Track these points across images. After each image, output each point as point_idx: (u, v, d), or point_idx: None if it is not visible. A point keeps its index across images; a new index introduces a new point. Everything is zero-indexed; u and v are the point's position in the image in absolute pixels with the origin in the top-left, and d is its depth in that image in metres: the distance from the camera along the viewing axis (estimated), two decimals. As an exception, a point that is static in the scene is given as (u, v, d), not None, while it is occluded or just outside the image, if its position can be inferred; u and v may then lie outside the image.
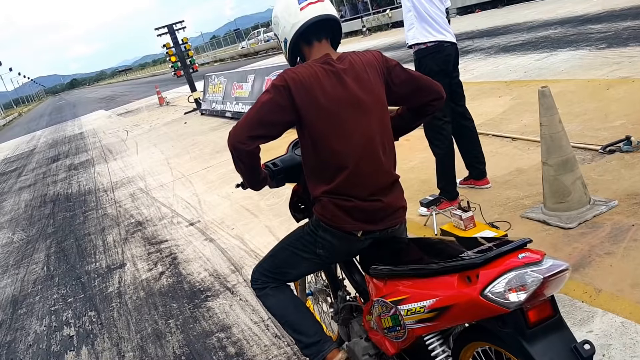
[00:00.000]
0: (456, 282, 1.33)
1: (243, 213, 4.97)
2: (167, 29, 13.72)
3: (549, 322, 1.28)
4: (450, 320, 1.39)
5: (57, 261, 5.16)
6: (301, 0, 1.73)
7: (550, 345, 1.25)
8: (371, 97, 1.70)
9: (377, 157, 1.73)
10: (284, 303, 1.98)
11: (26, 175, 11.57)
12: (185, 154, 8.62)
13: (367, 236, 1.78)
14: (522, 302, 1.21)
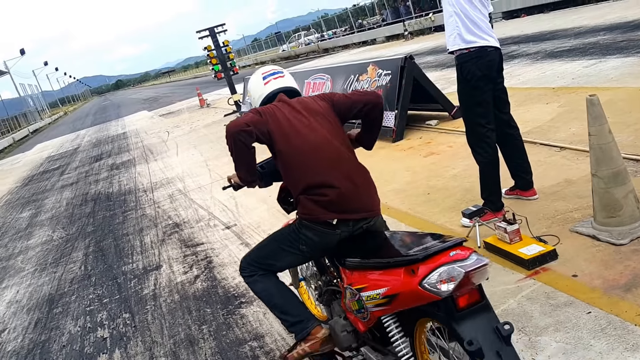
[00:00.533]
0: (402, 274, 1.65)
1: (279, 217, 4.88)
2: (208, 31, 13.87)
3: (476, 306, 1.59)
4: (399, 305, 1.73)
5: (95, 261, 5.22)
6: (266, 76, 2.37)
7: (476, 326, 1.55)
8: (320, 117, 2.18)
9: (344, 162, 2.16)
10: (270, 289, 2.28)
11: (69, 173, 11.91)
12: (224, 156, 8.63)
13: (342, 226, 2.08)
14: (451, 291, 1.52)
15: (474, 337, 1.49)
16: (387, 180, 5.03)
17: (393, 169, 5.38)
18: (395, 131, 6.31)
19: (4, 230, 7.78)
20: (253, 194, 5.81)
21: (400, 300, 1.69)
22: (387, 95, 6.49)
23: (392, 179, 5.03)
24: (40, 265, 5.53)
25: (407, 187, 4.67)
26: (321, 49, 34.32)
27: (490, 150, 3.33)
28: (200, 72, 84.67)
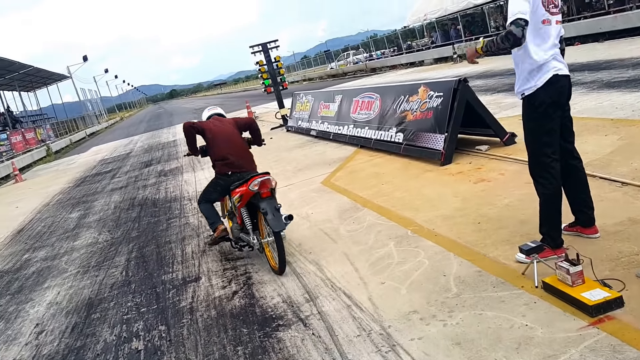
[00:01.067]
0: (245, 186, 4.22)
1: (322, 237, 4.77)
2: (261, 47, 14.08)
3: (269, 197, 4.13)
4: (244, 200, 4.27)
5: (136, 267, 5.25)
6: (210, 109, 5.33)
7: (267, 204, 4.05)
8: (229, 128, 4.75)
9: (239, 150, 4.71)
10: (207, 209, 4.76)
11: (119, 177, 12.25)
12: (268, 169, 8.46)
13: (232, 176, 4.51)
14: (258, 189, 4.10)
15: (265, 207, 4.02)
16: (435, 205, 4.84)
17: (441, 193, 5.18)
18: (444, 155, 6.11)
19: (52, 229, 8.02)
20: (295, 210, 5.75)
21: (244, 197, 4.27)
22: (437, 118, 6.31)
23: (440, 204, 4.83)
24: (83, 268, 5.61)
25: (456, 214, 4.45)
26: (369, 68, 34.33)
27: (554, 181, 3.13)
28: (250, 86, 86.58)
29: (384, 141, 7.52)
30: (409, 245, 4.04)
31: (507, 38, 2.93)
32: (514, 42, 2.94)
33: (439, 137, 6.22)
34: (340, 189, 6.25)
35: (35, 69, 35.25)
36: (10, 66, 29.99)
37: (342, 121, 9.47)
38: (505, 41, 2.95)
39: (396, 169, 6.56)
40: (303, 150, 9.75)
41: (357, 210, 5.30)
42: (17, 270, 6.15)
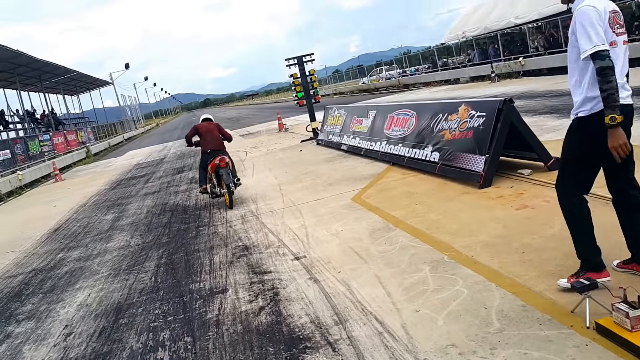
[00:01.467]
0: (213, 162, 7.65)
1: (352, 255, 4.67)
2: (296, 60, 14.16)
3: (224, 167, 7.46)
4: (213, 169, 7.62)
5: (165, 273, 5.24)
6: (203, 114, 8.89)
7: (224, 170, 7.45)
8: (212, 128, 8.05)
9: (216, 141, 7.94)
10: (200, 173, 8.08)
11: (153, 182, 12.43)
12: (298, 182, 8.60)
13: (211, 152, 7.78)
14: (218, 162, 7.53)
15: (222, 172, 7.45)
16: (473, 231, 4.65)
17: (480, 218, 4.98)
18: (484, 177, 5.92)
19: (87, 229, 8.15)
20: (325, 225, 5.67)
21: (212, 167, 7.56)
22: (477, 138, 6.14)
23: (479, 230, 4.64)
24: (114, 271, 5.65)
25: (497, 241, 4.27)
26: (401, 84, 34.17)
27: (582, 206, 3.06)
28: (281, 98, 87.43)
29: (418, 159, 7.38)
30: (445, 272, 3.87)
31: (607, 74, 2.73)
32: (613, 71, 2.74)
33: (478, 159, 6.05)
34: (371, 207, 6.14)
35: (79, 74, 36.49)
36: (56, 70, 31.10)
37: (374, 137, 9.37)
38: (609, 77, 2.73)
39: (431, 189, 6.41)
40: (333, 164, 9.68)
41: (389, 230, 5.17)
42: (50, 269, 6.25)
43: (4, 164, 18.87)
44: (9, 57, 22.91)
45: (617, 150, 2.78)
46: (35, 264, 6.62)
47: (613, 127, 2.74)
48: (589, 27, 2.78)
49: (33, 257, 7.03)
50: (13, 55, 22.84)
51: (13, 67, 25.01)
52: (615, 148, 2.77)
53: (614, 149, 2.78)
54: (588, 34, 2.77)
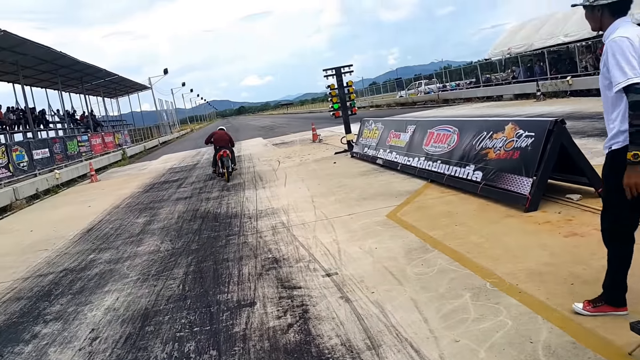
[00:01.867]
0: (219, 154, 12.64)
1: (386, 276, 4.46)
2: (334, 70, 14.08)
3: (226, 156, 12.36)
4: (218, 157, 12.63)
5: (193, 281, 5.15)
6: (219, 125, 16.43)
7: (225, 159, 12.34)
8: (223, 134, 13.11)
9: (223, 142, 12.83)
10: (212, 159, 13.32)
11: (185, 187, 12.49)
12: (331, 194, 8.45)
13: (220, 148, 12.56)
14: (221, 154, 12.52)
15: (223, 160, 12.27)
16: (518, 257, 4.38)
17: (525, 243, 4.71)
18: (530, 200, 5.63)
19: (119, 232, 8.19)
20: (358, 242, 5.48)
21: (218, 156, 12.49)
22: (524, 159, 5.87)
23: (524, 256, 4.37)
24: (143, 275, 5.60)
25: (543, 269, 4.00)
26: (441, 99, 33.71)
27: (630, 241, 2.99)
28: (316, 108, 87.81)
29: (458, 178, 7.13)
30: (487, 300, 3.63)
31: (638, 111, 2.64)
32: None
33: (525, 181, 5.77)
34: (407, 225, 5.92)
35: (119, 78, 37.49)
36: (97, 73, 32.04)
37: (412, 152, 9.15)
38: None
39: (472, 210, 6.15)
40: (368, 178, 9.49)
41: (426, 250, 4.95)
42: (81, 269, 6.26)
43: (42, 163, 19.41)
44: (52, 58, 23.70)
45: (632, 188, 2.74)
46: (67, 264, 6.65)
47: (634, 165, 2.70)
48: (621, 58, 2.70)
49: (65, 257, 7.08)
50: (57, 56, 23.63)
51: (56, 68, 25.87)
52: (630, 185, 2.74)
53: (628, 185, 2.75)
54: (621, 66, 2.69)
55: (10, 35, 17.72)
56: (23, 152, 18.05)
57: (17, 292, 5.77)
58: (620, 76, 2.69)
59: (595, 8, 2.93)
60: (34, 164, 18.60)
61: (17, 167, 17.11)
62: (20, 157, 17.68)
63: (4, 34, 16.95)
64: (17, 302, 5.39)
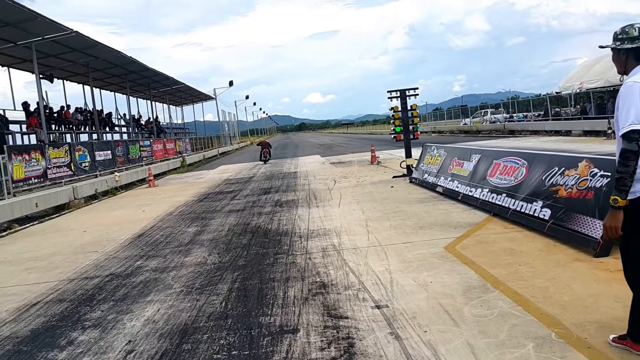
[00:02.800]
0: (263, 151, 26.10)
1: (441, 314, 4.09)
2: (399, 93, 13.81)
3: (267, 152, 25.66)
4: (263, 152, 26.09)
5: (236, 300, 4.97)
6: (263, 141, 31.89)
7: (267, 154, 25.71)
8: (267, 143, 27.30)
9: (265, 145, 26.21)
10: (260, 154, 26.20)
11: (238, 200, 12.51)
12: (386, 220, 8.11)
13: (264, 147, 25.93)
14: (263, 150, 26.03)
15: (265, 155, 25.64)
16: (587, 307, 3.93)
17: (595, 292, 4.23)
18: (601, 245, 5.09)
19: (169, 240, 8.21)
20: (412, 273, 5.11)
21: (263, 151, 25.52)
22: (599, 200, 5.34)
23: (595, 307, 3.92)
24: (187, 288, 5.48)
25: (616, 324, 3.51)
26: (507, 129, 32.58)
27: None
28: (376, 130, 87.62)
29: (524, 214, 6.61)
30: (553, 353, 3.23)
31: (627, 159, 2.69)
32: (636, 156, 2.69)
33: (597, 223, 5.23)
34: (466, 260, 5.50)
35: (185, 87, 38.92)
36: (165, 80, 33.37)
37: (475, 183, 8.66)
38: (628, 163, 2.70)
39: (537, 250, 5.64)
40: (426, 206, 9.07)
41: (486, 290, 4.53)
42: (127, 275, 6.25)
43: (104, 164, 20.22)
44: (122, 63, 24.84)
45: (608, 231, 2.86)
46: (114, 268, 6.68)
47: (614, 209, 2.80)
48: (629, 102, 2.71)
49: (113, 261, 7.13)
50: (127, 61, 24.75)
51: (125, 73, 27.11)
52: (608, 227, 2.85)
53: (605, 227, 2.87)
54: (628, 110, 2.70)
55: (83, 36, 18.61)
56: (86, 152, 18.88)
57: (60, 293, 5.79)
58: (623, 121, 2.70)
59: (621, 51, 2.93)
60: (96, 165, 19.40)
61: (78, 167, 17.89)
62: (82, 157, 18.49)
63: (75, 35, 17.77)
64: (59, 304, 5.38)
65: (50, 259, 7.68)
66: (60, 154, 16.64)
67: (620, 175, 2.71)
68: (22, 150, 14.71)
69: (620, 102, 2.78)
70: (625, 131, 2.68)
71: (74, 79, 26.11)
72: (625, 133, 2.68)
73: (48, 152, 15.73)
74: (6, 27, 15.81)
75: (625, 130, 2.68)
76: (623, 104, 2.74)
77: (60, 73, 24.10)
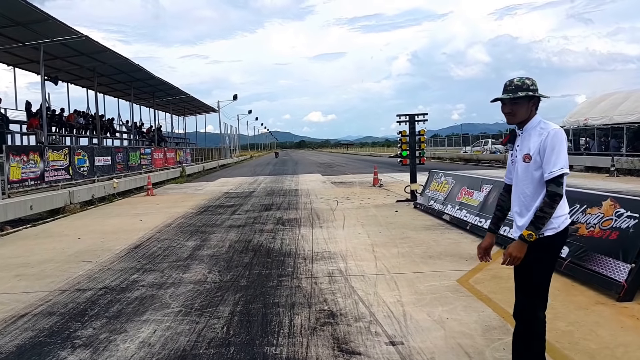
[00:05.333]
0: None
1: (461, 356, 3.79)
2: (408, 117, 13.64)
3: None
4: None
5: (239, 325, 4.64)
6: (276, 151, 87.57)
7: None
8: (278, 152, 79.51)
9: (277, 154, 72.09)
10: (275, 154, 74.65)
11: (239, 215, 12.19)
12: (393, 246, 7.81)
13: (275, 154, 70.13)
14: None
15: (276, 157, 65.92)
16: (617, 357, 3.69)
17: (625, 342, 3.96)
18: (626, 289, 4.84)
19: (167, 253, 7.88)
20: (426, 307, 4.76)
21: None
22: (624, 242, 5.10)
23: (626, 358, 3.66)
24: (186, 308, 5.15)
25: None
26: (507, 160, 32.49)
27: None
28: (376, 152, 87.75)
29: (541, 250, 6.33)
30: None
31: (555, 201, 2.89)
32: (561, 199, 2.93)
33: (621, 266, 4.98)
34: (482, 296, 5.20)
35: (190, 97, 38.83)
36: (170, 90, 33.28)
37: (486, 213, 8.40)
38: (554, 205, 2.90)
39: (555, 289, 5.31)
40: (433, 234, 8.79)
41: (507, 332, 4.21)
42: (122, 290, 5.91)
43: (102, 170, 19.91)
44: (129, 70, 24.71)
45: (510, 259, 2.98)
46: (108, 281, 6.33)
47: (525, 243, 2.94)
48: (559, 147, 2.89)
49: (107, 273, 6.78)
50: (133, 69, 24.62)
51: (131, 80, 26.97)
52: (512, 257, 2.96)
53: (511, 255, 2.96)
54: (558, 154, 2.88)
55: (92, 41, 18.52)
56: (85, 157, 18.57)
57: (51, 305, 5.44)
58: (553, 164, 2.87)
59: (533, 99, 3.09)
60: (94, 170, 19.08)
61: (77, 171, 17.56)
62: (81, 162, 18.18)
63: (85, 39, 17.72)
64: (49, 317, 5.03)
65: (42, 266, 7.32)
66: (60, 157, 16.32)
67: (544, 215, 2.88)
68: (20, 150, 14.40)
69: (549, 146, 2.89)
70: (558, 174, 2.85)
71: (78, 82, 25.97)
72: (555, 177, 2.86)
73: (47, 154, 15.42)
74: (17, 26, 15.70)
75: (557, 174, 2.85)
76: (552, 148, 2.88)
77: (65, 76, 23.93)
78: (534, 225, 2.91)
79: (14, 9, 14.20)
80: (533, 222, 2.91)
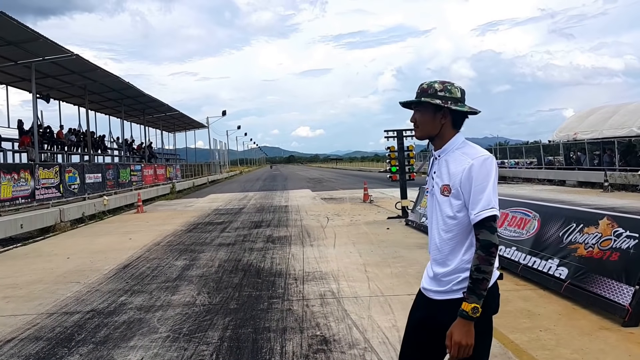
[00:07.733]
0: None
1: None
2: (396, 133, 13.63)
3: None
4: None
5: (228, 351, 4.47)
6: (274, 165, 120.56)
7: None
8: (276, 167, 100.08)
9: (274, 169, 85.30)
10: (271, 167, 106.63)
11: (229, 232, 12.00)
12: (386, 266, 7.68)
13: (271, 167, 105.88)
14: None
15: None
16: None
17: (631, 370, 3.84)
18: (630, 313, 4.71)
19: (156, 273, 7.68)
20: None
21: None
22: (626, 263, 5.00)
23: (635, 389, 3.51)
24: (174, 333, 4.96)
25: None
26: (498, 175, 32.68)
27: None
28: (365, 167, 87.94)
29: (537, 271, 6.23)
30: None
31: (492, 255, 2.10)
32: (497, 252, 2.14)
33: (624, 289, 4.87)
34: (479, 319, 5.07)
35: (179, 114, 38.65)
36: (160, 107, 33.10)
37: (479, 232, 8.31)
38: (492, 259, 2.10)
39: (556, 313, 5.24)
40: (426, 253, 8.66)
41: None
42: (109, 313, 5.70)
43: (93, 187, 19.62)
44: (120, 87, 24.56)
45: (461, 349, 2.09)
46: (96, 304, 6.12)
47: (471, 321, 2.09)
48: (487, 182, 2.16)
49: (95, 295, 6.57)
50: (124, 86, 24.47)
51: (121, 97, 26.79)
52: (462, 345, 2.08)
53: (458, 344, 2.08)
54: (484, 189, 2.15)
55: (82, 60, 18.42)
56: (76, 174, 18.31)
57: (38, 329, 5.24)
58: (483, 204, 2.12)
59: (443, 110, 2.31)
60: (85, 188, 18.80)
61: (67, 189, 17.28)
62: (72, 179, 17.91)
63: (76, 58, 17.65)
64: (36, 342, 4.84)
65: (30, 287, 7.11)
66: (50, 174, 16.05)
67: (484, 277, 2.08)
68: (11, 168, 14.13)
69: (474, 179, 2.16)
70: (487, 215, 2.11)
71: (70, 100, 25.79)
72: (483, 220, 2.11)
73: (38, 172, 15.15)
74: (8, 46, 15.64)
75: (485, 216, 2.11)
76: (478, 183, 2.16)
77: (57, 94, 23.74)
78: (474, 293, 2.09)
79: (6, 28, 14.14)
80: (472, 290, 2.09)
